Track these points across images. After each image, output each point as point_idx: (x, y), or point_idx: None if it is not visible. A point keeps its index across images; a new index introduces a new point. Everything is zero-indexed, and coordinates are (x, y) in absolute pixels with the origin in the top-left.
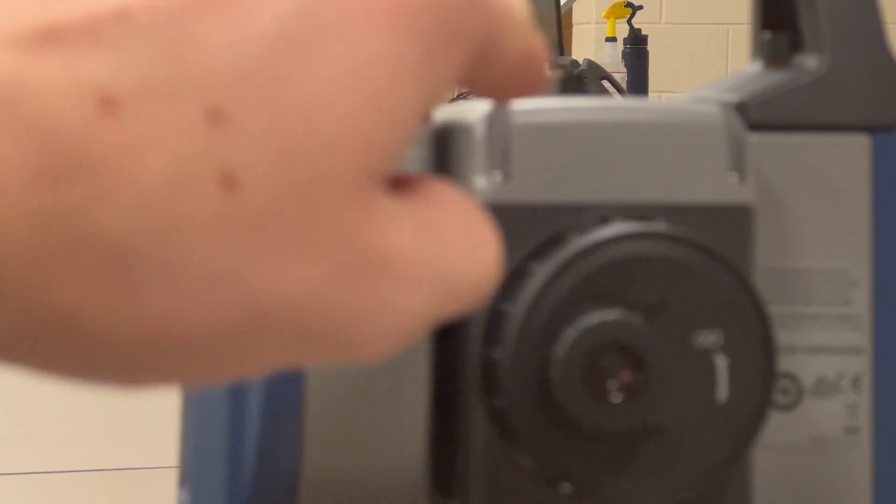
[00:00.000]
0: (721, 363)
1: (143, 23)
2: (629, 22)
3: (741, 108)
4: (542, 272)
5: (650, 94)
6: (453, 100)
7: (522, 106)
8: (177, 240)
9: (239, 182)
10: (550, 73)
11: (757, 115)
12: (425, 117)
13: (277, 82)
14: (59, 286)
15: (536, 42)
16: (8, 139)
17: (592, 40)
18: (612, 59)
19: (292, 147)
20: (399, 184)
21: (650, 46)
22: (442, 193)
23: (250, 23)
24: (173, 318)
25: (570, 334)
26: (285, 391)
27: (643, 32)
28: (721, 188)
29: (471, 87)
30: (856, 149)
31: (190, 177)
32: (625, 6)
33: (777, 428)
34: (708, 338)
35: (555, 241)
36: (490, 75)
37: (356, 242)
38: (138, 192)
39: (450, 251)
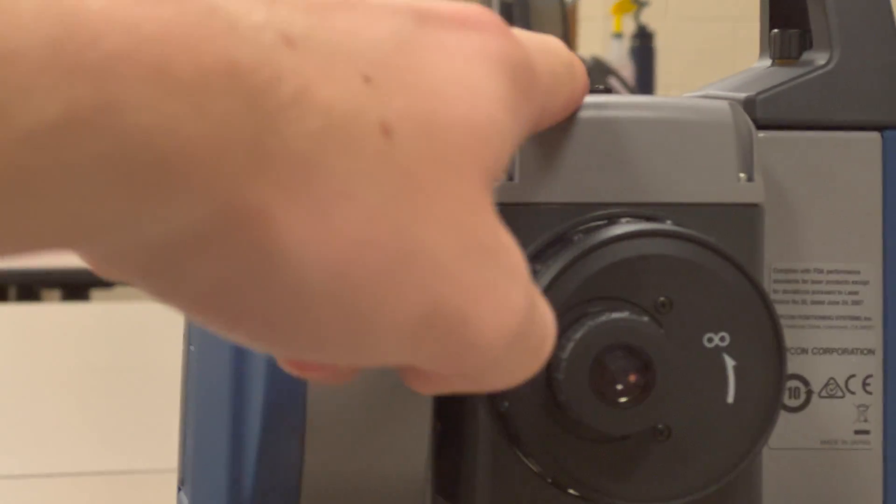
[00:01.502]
0: (729, 364)
1: (302, 4)
2: (636, 18)
3: (750, 106)
4: (547, 272)
5: (657, 90)
6: None
7: None
8: (353, 163)
9: (393, 132)
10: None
11: (766, 112)
12: (512, 149)
13: (410, 66)
14: (253, 185)
15: (575, 86)
16: (212, 43)
17: (599, 36)
18: (618, 56)
19: (429, 118)
20: None
21: (657, 43)
22: None
23: (373, 24)
24: (350, 241)
25: (576, 335)
26: (287, 393)
27: (650, 28)
28: (730, 187)
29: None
30: (866, 147)
31: (357, 115)
32: (632, 2)
33: (786, 430)
34: (716, 338)
35: (560, 241)
36: (539, 129)
37: (480, 223)
38: (321, 113)
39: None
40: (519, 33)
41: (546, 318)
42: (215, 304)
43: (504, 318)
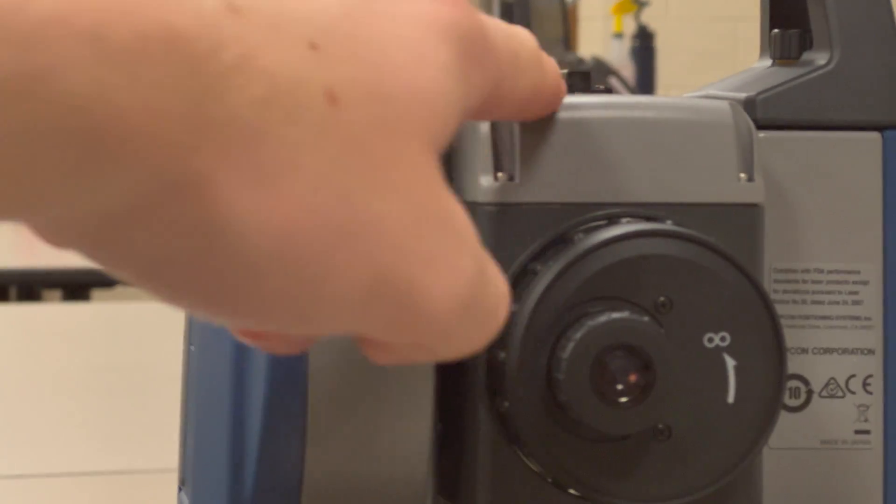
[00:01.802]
0: (730, 364)
1: None
2: (636, 18)
3: (750, 106)
4: (547, 272)
5: (658, 91)
6: None
7: None
8: (298, 132)
9: (339, 99)
10: (561, 95)
11: (766, 112)
12: (459, 119)
13: (357, 34)
14: (196, 154)
15: (543, 77)
16: (149, 8)
17: (599, 36)
18: (619, 56)
19: (375, 85)
20: None
21: (658, 43)
22: None
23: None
24: (295, 210)
25: (576, 335)
26: (287, 393)
27: (651, 29)
28: (730, 187)
29: (478, 118)
30: (866, 147)
31: (302, 82)
32: (632, 2)
33: (786, 430)
34: (716, 338)
35: (561, 241)
36: (500, 111)
37: (428, 191)
38: (265, 81)
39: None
40: (481, 15)
41: (498, 285)
42: (163, 273)
43: (453, 286)
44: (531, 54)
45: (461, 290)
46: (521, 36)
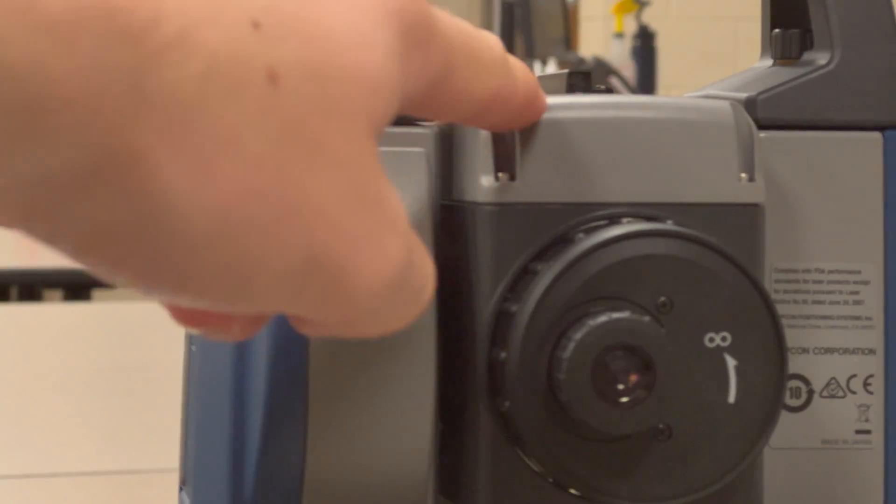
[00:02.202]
0: (731, 364)
1: None
2: (637, 18)
3: (751, 106)
4: (548, 272)
5: (659, 90)
6: None
7: None
8: (237, 110)
9: (280, 79)
10: (538, 108)
11: (767, 112)
12: (398, 103)
13: (302, 13)
14: (132, 128)
15: (510, 82)
16: None
17: (600, 36)
18: (620, 56)
19: (318, 65)
20: None
21: (659, 42)
22: None
23: None
24: (232, 188)
25: (577, 335)
26: (288, 392)
27: (651, 28)
28: (731, 187)
29: (430, 113)
30: (867, 147)
31: (243, 60)
32: (633, 2)
33: (787, 430)
34: (717, 338)
35: (561, 241)
36: (448, 107)
37: (364, 173)
38: (204, 57)
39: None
40: (440, 13)
41: (425, 267)
42: (97, 248)
43: (383, 268)
44: (494, 57)
45: (390, 271)
46: (483, 37)
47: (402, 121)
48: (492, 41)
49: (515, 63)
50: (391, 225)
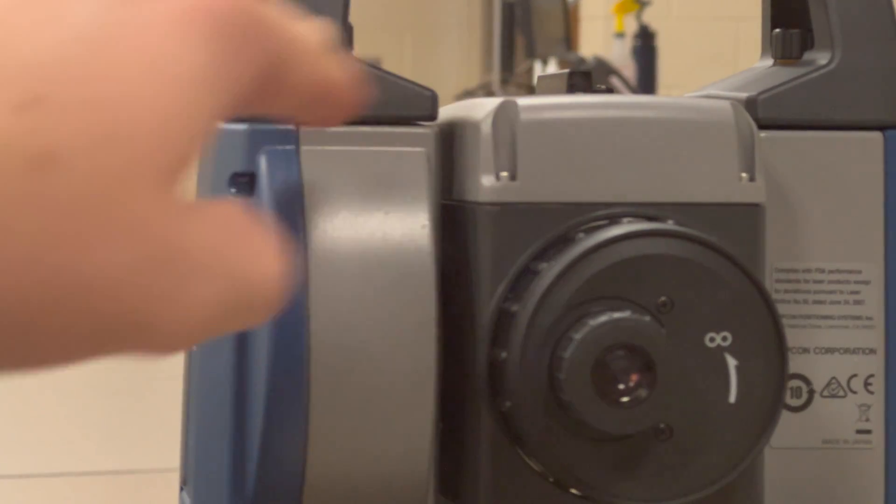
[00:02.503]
0: (731, 364)
1: None
2: (638, 17)
3: (751, 106)
4: (549, 271)
5: (659, 90)
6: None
7: (529, 102)
8: (1, 207)
9: (56, 162)
10: (365, 99)
11: (767, 112)
12: (214, 128)
13: (90, 73)
14: None
15: (333, 72)
16: None
17: (601, 36)
18: (620, 56)
19: (107, 133)
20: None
21: (659, 42)
22: (227, 206)
23: (58, 20)
24: (7, 284)
25: (577, 335)
26: (289, 393)
27: (652, 28)
28: (731, 187)
29: (263, 110)
30: (868, 146)
31: (4, 152)
32: (634, 2)
33: (788, 429)
34: (718, 338)
35: (562, 241)
36: (281, 102)
37: (159, 231)
38: None
39: (241, 251)
40: (260, 6)
41: (265, 284)
42: None
43: (190, 318)
44: (313, 44)
45: (199, 319)
46: (307, 28)
47: (402, 120)
48: (317, 31)
49: (340, 54)
50: (201, 271)
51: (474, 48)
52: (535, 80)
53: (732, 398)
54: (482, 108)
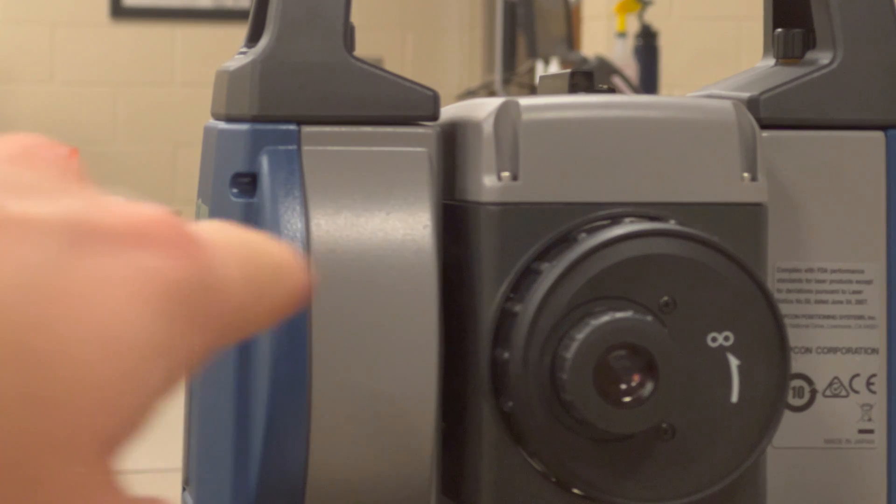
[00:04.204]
0: (733, 363)
1: None
2: (640, 17)
3: (753, 105)
4: (551, 271)
5: (661, 90)
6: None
7: (531, 102)
8: None
9: None
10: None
11: (769, 112)
12: (162, 401)
13: (27, 328)
14: None
15: (284, 292)
16: None
17: (603, 36)
18: (622, 55)
19: (36, 394)
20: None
21: (661, 42)
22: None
23: (5, 259)
24: None
25: (579, 334)
26: (291, 394)
27: (654, 28)
28: (733, 186)
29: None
30: (870, 146)
31: None
32: (636, 1)
33: (790, 429)
34: (720, 338)
35: (564, 241)
36: (242, 334)
37: (93, 499)
38: None
39: None
40: (216, 231)
41: None
42: None
43: None
44: (271, 274)
45: None
46: (260, 254)
47: (403, 120)
48: (266, 250)
49: (284, 262)
50: None
51: (476, 48)
52: (536, 80)
53: (734, 398)
54: (484, 108)
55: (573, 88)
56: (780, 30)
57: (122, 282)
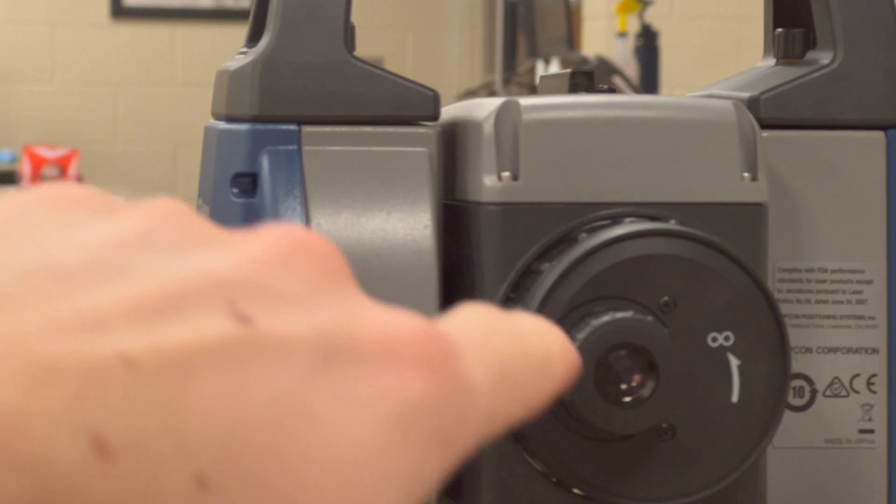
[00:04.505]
0: (734, 363)
1: (145, 373)
2: (640, 17)
3: (754, 105)
4: (551, 271)
5: (661, 90)
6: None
7: (531, 102)
8: None
9: None
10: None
11: (770, 112)
12: None
13: (265, 460)
14: None
15: (547, 380)
16: (1, 471)
17: (603, 36)
18: (622, 55)
19: None
20: None
21: (662, 42)
22: None
23: (244, 395)
24: None
25: (580, 334)
26: None
27: (654, 27)
28: (734, 186)
29: None
30: (870, 146)
31: None
32: (636, 1)
33: (791, 429)
34: (720, 338)
35: (565, 241)
36: (491, 435)
37: None
38: None
39: None
40: (471, 327)
41: None
42: None
43: None
44: (538, 371)
45: None
46: (522, 353)
47: (404, 120)
48: (541, 340)
49: (553, 355)
50: None
51: (476, 48)
52: (537, 80)
53: (735, 398)
54: (484, 108)
55: (573, 88)
56: (780, 30)
57: (365, 404)
